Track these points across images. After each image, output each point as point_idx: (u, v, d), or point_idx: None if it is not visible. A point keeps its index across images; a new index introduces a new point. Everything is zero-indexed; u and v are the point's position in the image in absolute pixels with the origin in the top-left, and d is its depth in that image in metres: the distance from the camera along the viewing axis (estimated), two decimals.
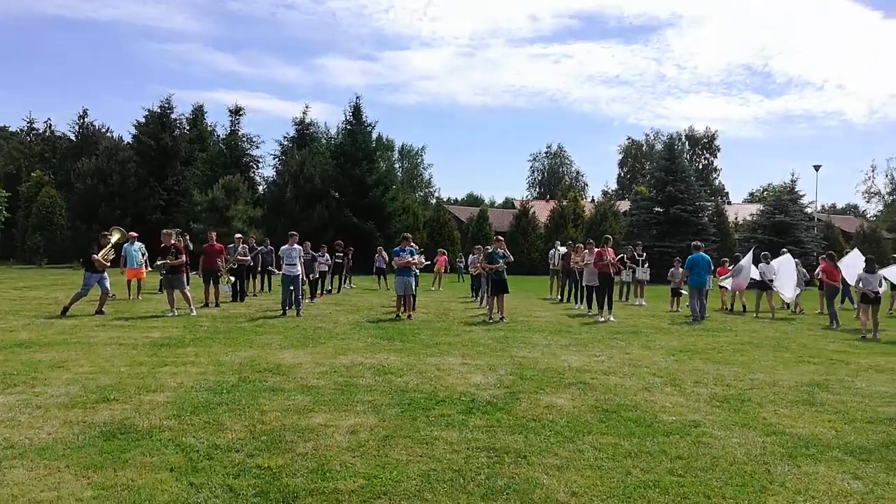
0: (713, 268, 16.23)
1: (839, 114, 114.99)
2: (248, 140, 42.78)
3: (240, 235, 17.59)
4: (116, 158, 35.96)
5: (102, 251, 13.22)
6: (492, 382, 7.20)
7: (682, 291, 16.21)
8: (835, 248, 21.86)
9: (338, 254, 20.07)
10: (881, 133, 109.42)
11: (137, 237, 16.35)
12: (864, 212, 67.64)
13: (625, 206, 44.21)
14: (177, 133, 39.44)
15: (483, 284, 15.45)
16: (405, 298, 13.57)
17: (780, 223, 31.54)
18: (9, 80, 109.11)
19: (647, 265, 18.42)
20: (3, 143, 52.33)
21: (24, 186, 37.31)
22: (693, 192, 34.15)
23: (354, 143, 36.09)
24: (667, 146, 39.50)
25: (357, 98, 37.38)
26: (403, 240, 14.29)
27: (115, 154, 36.36)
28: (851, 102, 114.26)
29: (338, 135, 39.10)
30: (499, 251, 13.80)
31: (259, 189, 39.87)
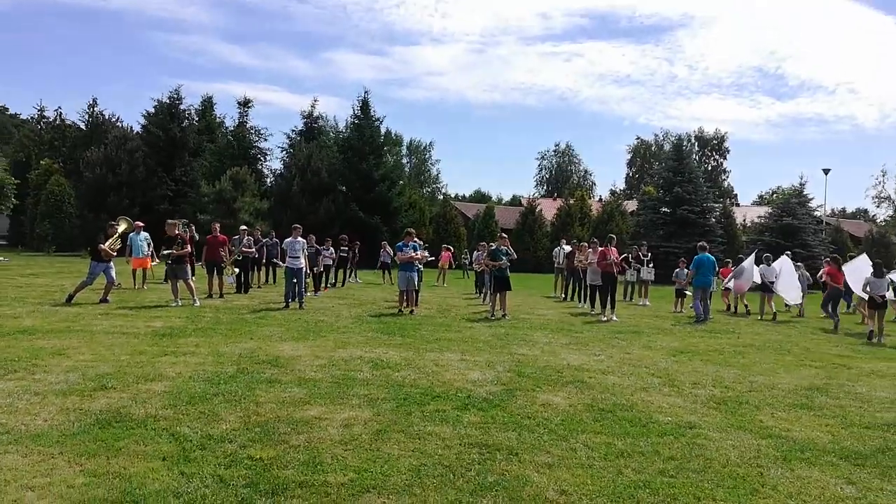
0: (717, 269, 16.16)
1: (851, 118, 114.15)
2: (257, 132, 43.12)
3: (245, 227, 17.63)
4: (125, 148, 36.07)
5: (109, 241, 13.34)
6: (489, 379, 7.19)
7: (687, 292, 16.14)
8: (843, 253, 21.67)
9: (342, 247, 20.09)
10: (893, 137, 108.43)
11: (144, 227, 16.47)
12: (874, 216, 67.11)
13: (632, 206, 44.03)
14: (185, 124, 39.57)
15: (486, 281, 15.43)
16: (408, 294, 13.59)
17: (788, 226, 31.29)
18: (21, 69, 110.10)
19: (652, 265, 18.34)
20: (15, 132, 52.67)
21: (34, 174, 37.44)
22: (701, 194, 33.94)
23: (362, 138, 36.08)
24: (675, 147, 39.28)
25: (365, 92, 37.30)
26: (407, 235, 14.31)
27: (124, 144, 36.46)
28: (863, 107, 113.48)
29: (346, 129, 39.08)
30: (502, 248, 13.78)
31: (266, 181, 40.03)
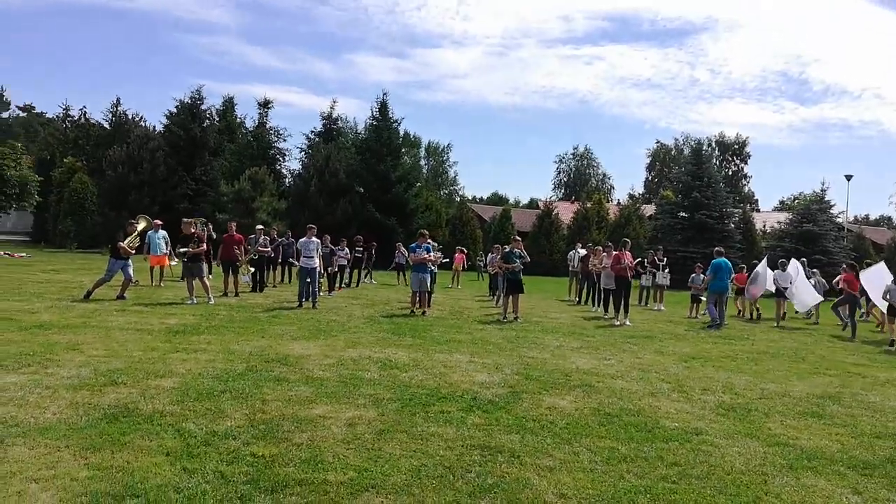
0: (732, 274, 15.98)
1: (877, 123, 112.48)
2: (276, 133, 43.49)
3: (261, 227, 17.79)
4: (147, 147, 36.51)
5: (128, 239, 13.55)
6: (496, 381, 7.19)
7: (702, 298, 15.98)
8: (861, 261, 21.30)
9: (357, 248, 20.19)
10: None
11: (162, 225, 16.69)
12: None
13: (650, 210, 43.69)
14: (206, 124, 39.96)
15: (500, 284, 15.40)
16: (420, 295, 13.61)
17: (808, 232, 30.84)
18: (48, 68, 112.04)
19: (668, 270, 18.18)
20: (40, 130, 53.59)
21: (57, 172, 38.08)
22: (720, 199, 33.58)
23: (380, 139, 36.24)
24: (694, 151, 38.92)
25: (384, 94, 37.60)
26: (420, 236, 14.36)
27: (146, 143, 36.91)
28: (889, 112, 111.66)
29: (364, 130, 39.29)
30: (515, 251, 13.74)
31: (284, 182, 40.31)
